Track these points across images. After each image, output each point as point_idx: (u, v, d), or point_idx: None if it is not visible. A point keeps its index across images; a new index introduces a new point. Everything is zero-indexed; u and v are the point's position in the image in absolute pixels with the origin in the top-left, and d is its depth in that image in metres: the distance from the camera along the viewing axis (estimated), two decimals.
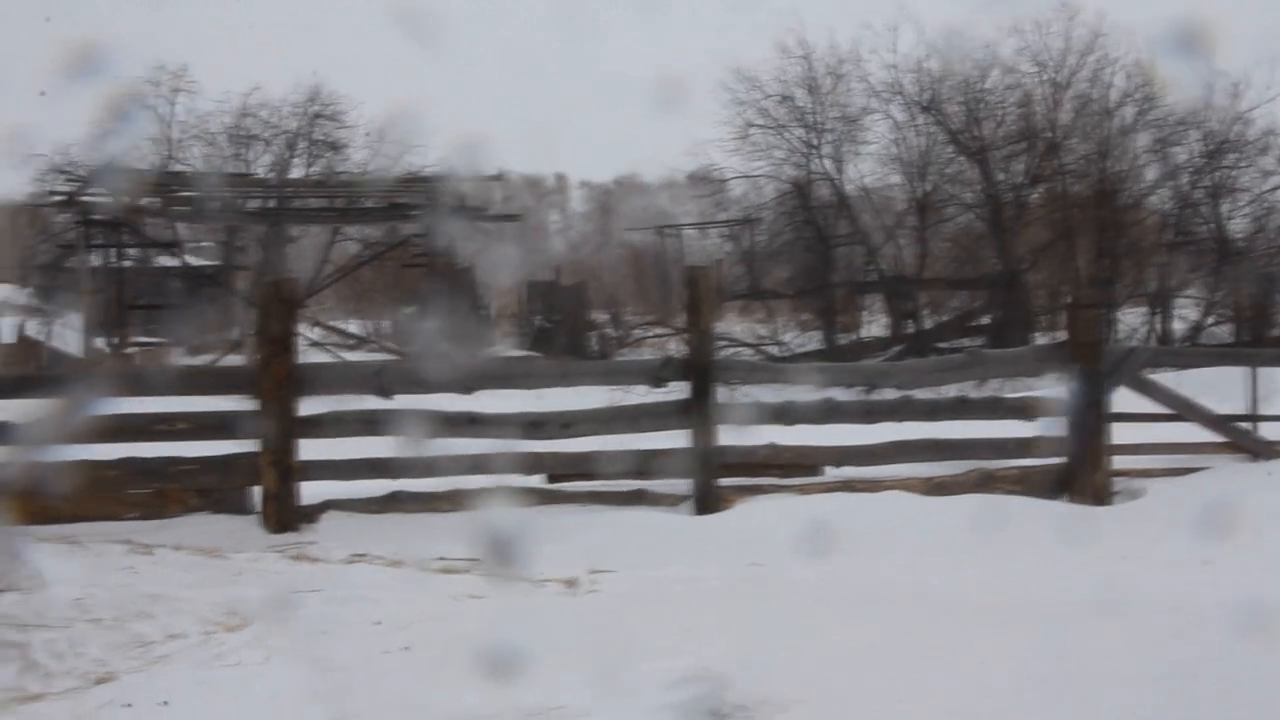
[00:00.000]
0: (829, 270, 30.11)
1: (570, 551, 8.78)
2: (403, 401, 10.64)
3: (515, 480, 10.61)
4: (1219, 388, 13.28)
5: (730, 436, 10.92)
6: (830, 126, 30.60)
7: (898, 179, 31.52)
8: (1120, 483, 11.10)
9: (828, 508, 10.10)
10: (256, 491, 10.26)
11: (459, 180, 34.15)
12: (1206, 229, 28.78)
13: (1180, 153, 28.82)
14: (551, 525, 9.84)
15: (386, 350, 34.11)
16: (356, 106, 39.77)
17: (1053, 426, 11.21)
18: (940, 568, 8.30)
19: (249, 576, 7.99)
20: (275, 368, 10.13)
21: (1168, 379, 12.94)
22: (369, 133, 39.12)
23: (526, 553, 8.69)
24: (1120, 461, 11.16)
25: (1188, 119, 28.37)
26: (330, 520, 10.10)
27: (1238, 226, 28.81)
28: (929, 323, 29.61)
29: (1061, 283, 28.39)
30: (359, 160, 39.40)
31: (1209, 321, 27.87)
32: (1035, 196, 30.23)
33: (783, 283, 31.42)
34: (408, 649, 6.19)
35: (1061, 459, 11.12)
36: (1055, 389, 11.90)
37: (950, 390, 12.47)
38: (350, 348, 33.55)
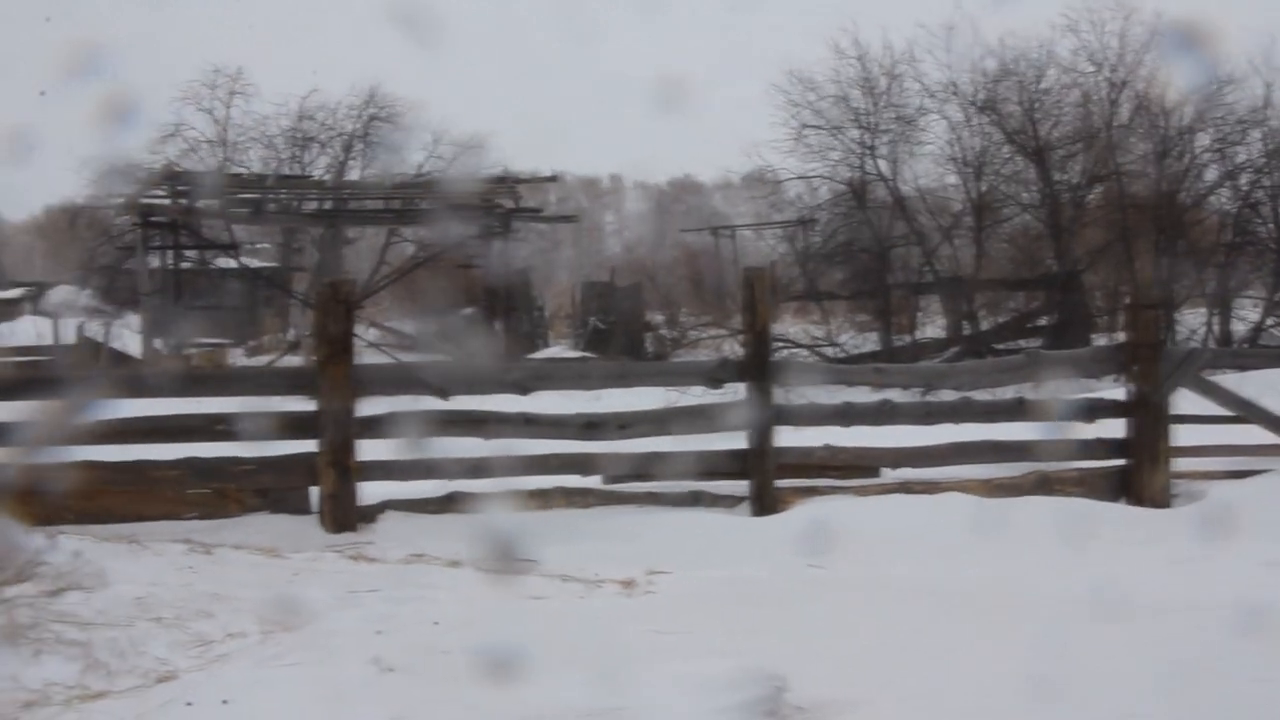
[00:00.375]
0: (885, 271, 29.99)
1: (627, 552, 8.78)
2: (460, 402, 10.66)
3: (572, 481, 10.61)
4: None
5: (787, 438, 10.90)
6: (886, 127, 30.52)
7: (954, 179, 31.44)
8: (1181, 485, 10.98)
9: (886, 509, 10.06)
10: (315, 492, 10.30)
11: (514, 182, 34.25)
12: (1267, 229, 28.52)
13: (1240, 152, 28.60)
14: (608, 526, 9.85)
15: (442, 351, 34.20)
16: (414, 109, 40.03)
17: (1112, 428, 11.14)
18: (1000, 569, 8.25)
19: (308, 576, 8.02)
20: (333, 368, 10.16)
21: (1228, 380, 12.81)
22: (428, 135, 39.37)
23: (584, 554, 8.70)
24: (1181, 464, 11.06)
25: (1248, 118, 28.15)
26: (388, 520, 10.12)
27: None
28: (986, 324, 29.46)
29: (1120, 283, 28.23)
30: (416, 162, 39.62)
31: (1269, 323, 27.61)
32: (1093, 196, 30.06)
33: (839, 284, 31.34)
34: (466, 649, 6.20)
35: (1121, 461, 11.05)
36: (1114, 391, 11.80)
37: (1008, 392, 12.37)
38: (406, 349, 33.63)
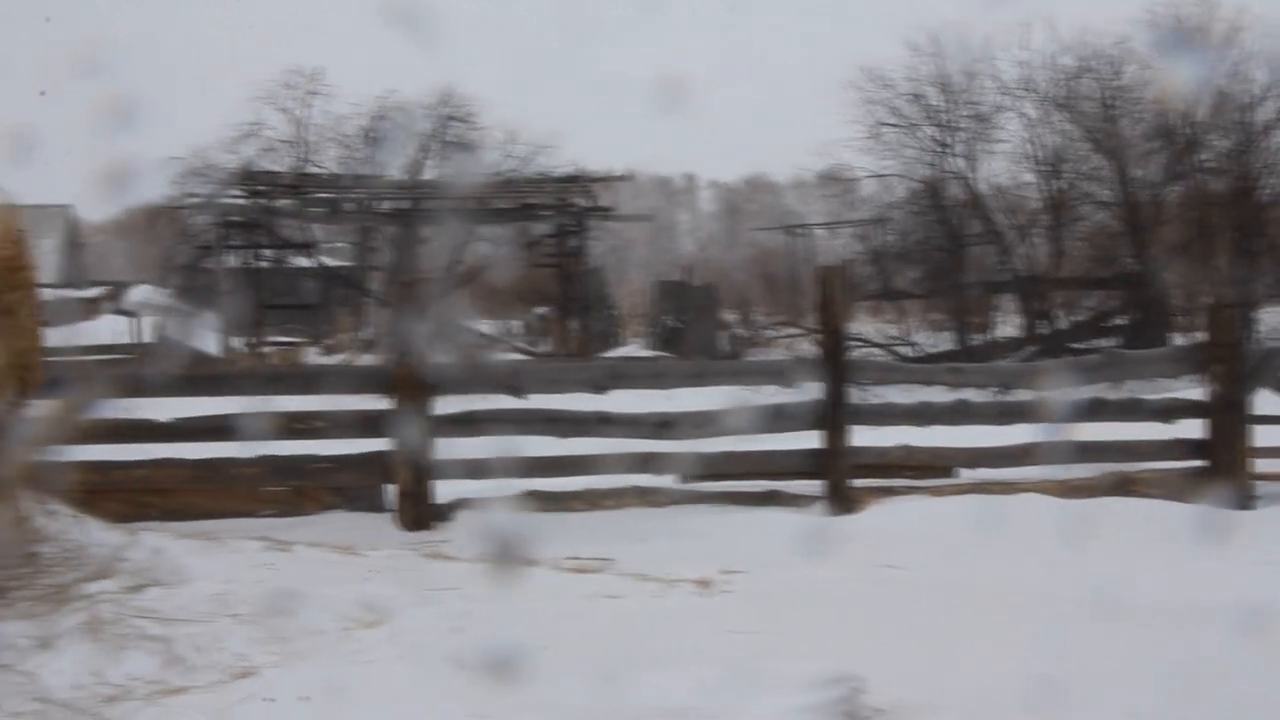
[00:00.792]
0: (961, 270, 29.83)
1: (702, 551, 8.76)
2: (536, 401, 10.70)
3: (647, 480, 10.61)
4: None
5: (862, 437, 10.86)
6: (962, 124, 30.34)
7: (1031, 177, 31.20)
8: (1262, 487, 10.87)
9: (962, 510, 10.01)
10: (391, 489, 10.36)
11: (588, 180, 34.31)
12: None
13: None
14: (684, 525, 9.85)
15: (517, 350, 34.33)
16: (489, 108, 40.25)
17: (1191, 429, 11.03)
18: (1079, 572, 8.17)
19: (384, 574, 8.06)
20: (409, 366, 10.21)
21: None
22: (501, 134, 39.57)
23: (659, 553, 8.71)
24: (1262, 465, 10.94)
25: None
26: (463, 519, 10.16)
27: None
28: (1063, 323, 29.23)
29: (1199, 282, 27.91)
30: (491, 161, 39.79)
31: None
32: (1172, 194, 29.76)
33: (914, 282, 31.18)
34: (544, 648, 6.21)
35: (1200, 462, 10.94)
36: (1193, 390, 11.68)
37: (1085, 392, 12.28)
38: (482, 347, 33.79)
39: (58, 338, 15.91)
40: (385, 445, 10.25)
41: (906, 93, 30.32)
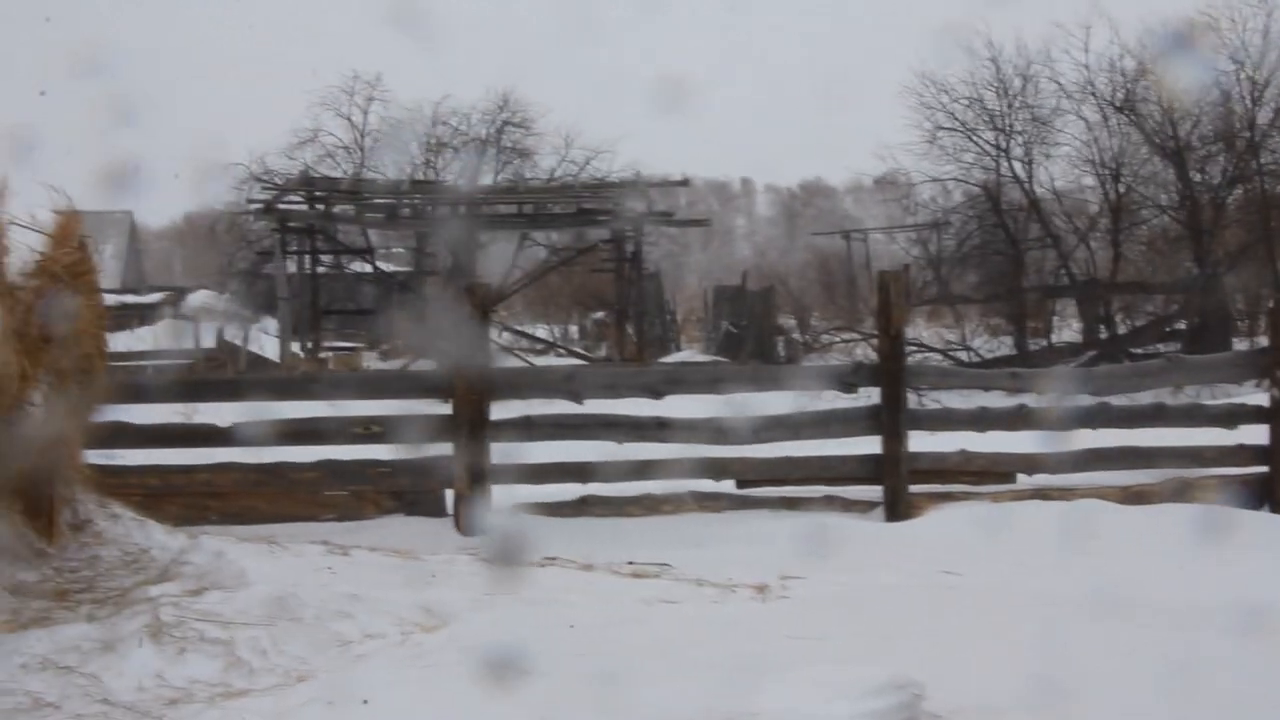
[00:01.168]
0: (1020, 275, 29.64)
1: (760, 557, 8.75)
2: (593, 406, 10.71)
3: (704, 485, 10.61)
4: None
5: (921, 443, 10.83)
6: (1020, 128, 30.16)
7: (1090, 181, 30.97)
8: None
9: (1022, 516, 9.96)
10: (449, 494, 10.40)
11: (646, 185, 34.33)
12: None
13: None
14: (741, 530, 9.85)
15: (574, 355, 34.39)
16: (545, 114, 40.35)
17: (1254, 435, 10.94)
18: (1140, 577, 8.12)
19: (443, 578, 8.08)
20: (468, 372, 10.25)
21: None
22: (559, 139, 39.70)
23: (716, 558, 8.70)
24: None
25: None
26: (522, 523, 10.18)
27: None
28: (1123, 328, 29.01)
29: (1261, 286, 27.64)
30: (548, 166, 39.91)
31: None
32: (1233, 198, 29.50)
33: (972, 287, 31.02)
34: (603, 653, 6.21)
35: (1263, 468, 10.84)
36: (1256, 396, 11.58)
37: (1146, 397, 12.19)
38: (539, 352, 33.87)
39: (120, 343, 16.05)
40: (444, 450, 10.29)
41: (964, 97, 30.17)
